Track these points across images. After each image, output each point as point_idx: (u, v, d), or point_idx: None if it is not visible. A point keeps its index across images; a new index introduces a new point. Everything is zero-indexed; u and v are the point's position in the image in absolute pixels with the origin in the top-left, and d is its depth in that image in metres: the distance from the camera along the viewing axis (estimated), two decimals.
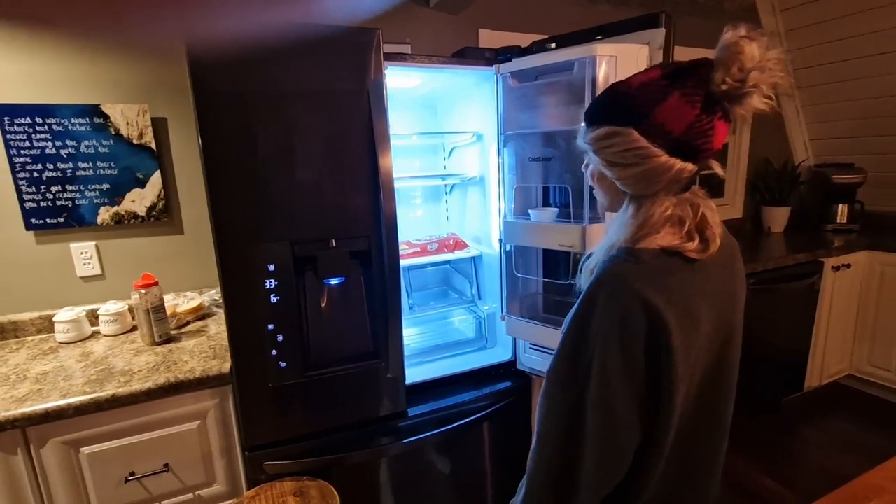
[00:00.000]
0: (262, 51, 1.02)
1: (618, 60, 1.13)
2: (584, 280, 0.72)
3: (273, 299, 1.14)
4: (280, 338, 1.15)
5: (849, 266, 2.37)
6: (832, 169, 2.77)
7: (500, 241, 1.50)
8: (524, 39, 2.14)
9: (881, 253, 2.40)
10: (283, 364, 1.17)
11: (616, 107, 0.65)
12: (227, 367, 1.21)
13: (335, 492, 1.13)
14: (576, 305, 0.67)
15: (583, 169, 0.76)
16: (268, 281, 1.12)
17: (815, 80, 2.74)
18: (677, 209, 0.65)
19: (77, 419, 1.09)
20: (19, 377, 1.20)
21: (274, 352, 1.16)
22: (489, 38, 2.01)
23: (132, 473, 1.16)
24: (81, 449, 1.12)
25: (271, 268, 1.12)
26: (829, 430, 2.32)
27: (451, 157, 1.83)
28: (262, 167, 1.08)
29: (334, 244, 1.17)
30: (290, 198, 1.12)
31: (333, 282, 1.22)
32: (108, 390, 1.11)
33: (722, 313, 0.69)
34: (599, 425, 0.64)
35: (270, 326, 1.14)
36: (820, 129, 2.90)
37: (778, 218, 2.83)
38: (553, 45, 1.33)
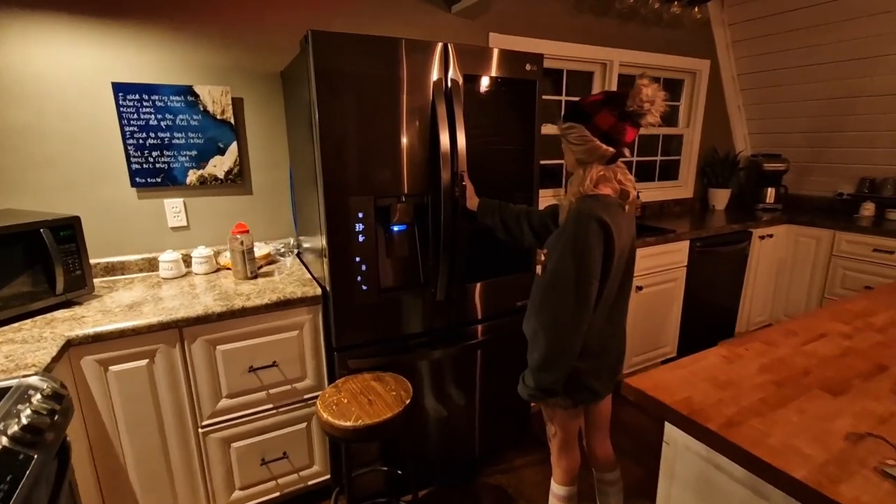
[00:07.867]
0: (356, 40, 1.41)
1: None
2: (562, 213, 1.25)
3: (360, 239, 1.55)
4: (363, 267, 1.57)
5: (771, 236, 2.99)
6: (763, 158, 3.38)
7: None
8: (527, 44, 2.60)
9: (796, 226, 3.03)
10: (364, 287, 1.59)
11: (576, 112, 1.20)
12: (317, 291, 1.61)
13: (405, 378, 1.57)
14: (565, 229, 1.17)
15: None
16: (357, 224, 1.53)
17: (754, 84, 3.33)
18: (607, 172, 1.18)
19: (216, 324, 1.47)
20: (156, 299, 1.57)
21: (359, 277, 1.57)
22: (497, 41, 2.43)
23: (251, 367, 1.56)
24: (217, 347, 1.50)
25: (360, 215, 1.53)
26: None
27: None
28: (355, 140, 1.48)
29: (404, 199, 1.59)
30: (374, 162, 1.52)
31: (396, 229, 1.65)
32: (238, 304, 1.50)
33: (627, 240, 1.23)
34: (585, 290, 1.14)
35: (357, 258, 1.56)
36: (756, 125, 3.50)
37: (720, 198, 3.42)
38: None
